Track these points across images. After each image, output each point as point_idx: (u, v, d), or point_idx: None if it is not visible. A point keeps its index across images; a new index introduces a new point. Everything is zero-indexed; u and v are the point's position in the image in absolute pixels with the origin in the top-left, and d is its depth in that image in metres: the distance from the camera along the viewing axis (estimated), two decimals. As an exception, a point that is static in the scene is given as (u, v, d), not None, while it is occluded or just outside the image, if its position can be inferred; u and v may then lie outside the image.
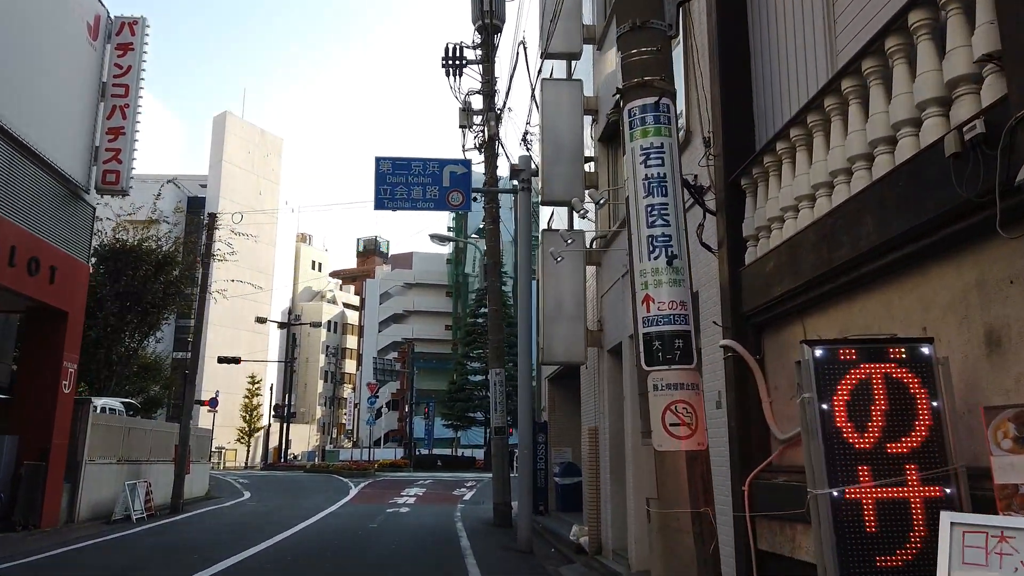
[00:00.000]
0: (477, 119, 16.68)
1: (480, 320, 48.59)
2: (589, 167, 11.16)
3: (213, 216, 19.46)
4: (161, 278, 23.28)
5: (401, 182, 12.56)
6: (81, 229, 14.20)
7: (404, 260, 79.68)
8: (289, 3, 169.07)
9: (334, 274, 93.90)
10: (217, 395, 30.74)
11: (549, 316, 10.66)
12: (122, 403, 19.03)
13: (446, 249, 75.37)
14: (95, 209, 14.66)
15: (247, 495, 23.00)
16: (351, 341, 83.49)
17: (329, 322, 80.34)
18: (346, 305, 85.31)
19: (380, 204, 12.47)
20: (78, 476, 14.18)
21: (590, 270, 11.30)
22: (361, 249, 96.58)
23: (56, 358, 13.25)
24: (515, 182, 12.87)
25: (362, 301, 78.62)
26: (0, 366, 13.94)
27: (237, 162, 68.60)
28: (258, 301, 62.47)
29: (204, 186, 61.06)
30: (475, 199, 17.04)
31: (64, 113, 13.39)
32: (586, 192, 10.63)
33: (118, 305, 22.24)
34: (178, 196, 25.05)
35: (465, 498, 22.14)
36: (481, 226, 71.70)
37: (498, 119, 16.36)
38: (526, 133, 13.26)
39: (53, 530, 12.95)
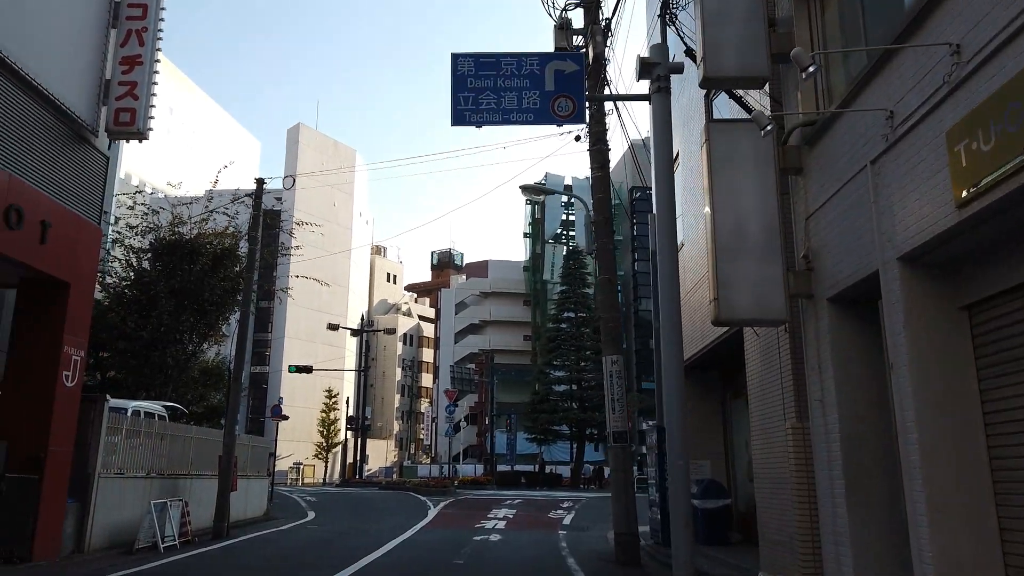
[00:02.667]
0: (577, 39, 13.09)
1: (564, 326, 45.07)
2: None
3: (261, 181, 16.52)
4: (220, 272, 20.79)
5: (487, 87, 9.07)
6: (90, 182, 11.32)
7: (479, 269, 76.93)
8: (366, 13, 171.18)
9: (409, 287, 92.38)
10: (280, 402, 28.00)
11: (724, 251, 6.88)
12: (165, 407, 16.17)
13: (522, 256, 72.20)
14: (108, 159, 11.79)
15: (311, 516, 19.89)
16: (427, 354, 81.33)
17: (405, 335, 78.39)
18: (421, 318, 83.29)
19: (460, 117, 9.00)
20: (89, 493, 11.21)
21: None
22: (435, 262, 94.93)
23: (53, 342, 10.30)
24: (644, 82, 9.17)
25: (437, 312, 76.26)
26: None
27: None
28: (334, 314, 60.86)
29: (280, 199, 60.10)
30: (579, 139, 13.46)
31: (64, 37, 10.57)
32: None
33: (173, 303, 19.79)
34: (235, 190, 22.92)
35: (565, 522, 18.35)
36: (559, 230, 68.62)
37: (605, 34, 12.74)
38: (667, 3, 9.54)
39: (50, 563, 9.92)
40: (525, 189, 13.18)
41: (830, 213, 6.45)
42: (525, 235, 70.86)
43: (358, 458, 47.82)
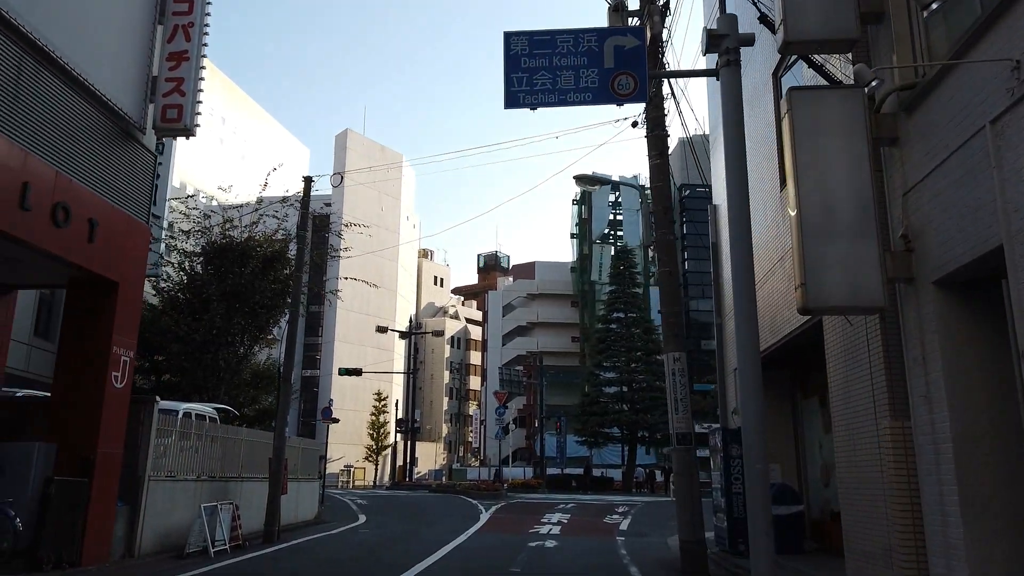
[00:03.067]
0: (633, 22, 12.46)
1: (613, 326, 44.25)
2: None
3: (309, 179, 16.32)
4: (270, 275, 20.83)
5: (542, 66, 8.54)
6: (137, 180, 11.17)
7: (526, 270, 76.51)
8: (412, 19, 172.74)
9: (456, 291, 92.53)
10: (331, 404, 27.96)
11: (811, 233, 6.20)
12: (216, 409, 16.06)
13: (569, 257, 71.48)
14: (156, 157, 11.64)
15: (362, 519, 19.62)
16: (475, 357, 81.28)
17: (452, 338, 78.45)
18: (468, 320, 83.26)
19: (513, 100, 8.48)
20: (139, 496, 11.03)
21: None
22: (482, 265, 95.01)
23: (102, 342, 10.14)
24: (705, 59, 8.51)
25: (484, 314, 76.08)
26: (45, 357, 11.03)
27: (359, 178, 68.37)
28: (382, 317, 61.23)
29: (328, 204, 60.79)
30: (635, 124, 12.81)
31: (111, 33, 10.43)
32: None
33: (224, 305, 19.86)
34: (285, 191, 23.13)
35: (622, 528, 17.67)
36: (606, 230, 67.50)
37: (663, 14, 12.11)
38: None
39: (100, 568, 9.74)
40: (579, 179, 12.59)
41: (935, 185, 5.73)
42: (572, 236, 70.11)
43: (408, 461, 47.76)
